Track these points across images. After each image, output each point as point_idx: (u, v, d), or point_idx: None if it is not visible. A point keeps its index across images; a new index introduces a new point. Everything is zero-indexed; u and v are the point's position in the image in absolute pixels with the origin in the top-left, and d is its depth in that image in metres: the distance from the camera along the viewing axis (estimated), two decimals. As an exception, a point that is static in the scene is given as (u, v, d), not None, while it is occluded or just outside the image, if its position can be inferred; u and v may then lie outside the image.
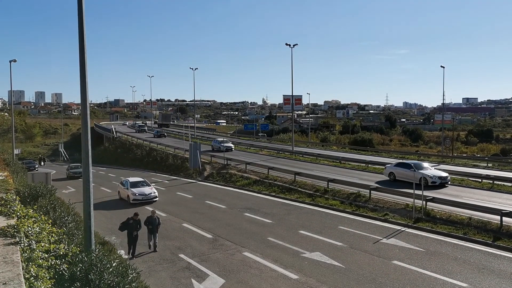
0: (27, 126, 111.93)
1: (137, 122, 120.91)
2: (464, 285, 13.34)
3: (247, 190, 31.50)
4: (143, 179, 30.79)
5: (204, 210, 25.37)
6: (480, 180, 29.21)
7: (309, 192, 28.03)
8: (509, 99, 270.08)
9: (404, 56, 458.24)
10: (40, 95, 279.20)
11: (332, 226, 20.73)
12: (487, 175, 30.16)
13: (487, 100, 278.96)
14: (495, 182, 28.23)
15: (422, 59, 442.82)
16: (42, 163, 68.50)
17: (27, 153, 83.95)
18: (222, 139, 57.50)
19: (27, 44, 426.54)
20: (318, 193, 27.42)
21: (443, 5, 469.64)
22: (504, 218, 18.58)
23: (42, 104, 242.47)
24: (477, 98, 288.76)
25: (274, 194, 29.27)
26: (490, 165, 39.84)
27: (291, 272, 14.67)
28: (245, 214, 23.93)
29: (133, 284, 7.97)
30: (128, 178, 31.15)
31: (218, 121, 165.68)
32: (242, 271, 15.03)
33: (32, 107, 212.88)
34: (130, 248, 17.17)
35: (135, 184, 29.20)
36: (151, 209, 21.48)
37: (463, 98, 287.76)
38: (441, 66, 54.54)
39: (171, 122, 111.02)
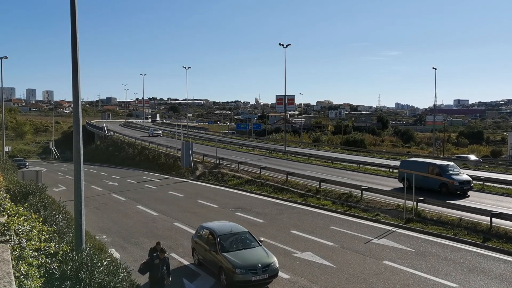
0: (18, 123, 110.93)
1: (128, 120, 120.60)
2: (454, 285, 13.44)
3: (239, 190, 31.47)
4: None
5: (196, 210, 25.31)
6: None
7: (301, 192, 28.08)
8: (500, 101, 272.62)
9: (396, 58, 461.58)
10: (31, 92, 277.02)
11: (324, 226, 20.78)
12: (477, 176, 30.41)
13: (478, 102, 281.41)
14: (485, 183, 28.48)
15: (413, 61, 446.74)
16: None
17: (18, 150, 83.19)
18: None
19: (18, 41, 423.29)
20: (310, 193, 27.47)
21: (434, 8, 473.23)
22: (493, 219, 18.73)
23: (33, 102, 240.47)
24: (468, 100, 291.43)
25: (266, 193, 29.27)
26: (480, 166, 40.17)
27: (282, 272, 14.65)
28: (237, 213, 23.91)
29: (124, 283, 7.93)
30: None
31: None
32: (233, 271, 14.99)
33: (23, 104, 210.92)
34: None
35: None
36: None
37: (454, 100, 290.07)
38: (433, 68, 55.03)
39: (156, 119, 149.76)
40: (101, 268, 7.72)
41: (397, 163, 40.11)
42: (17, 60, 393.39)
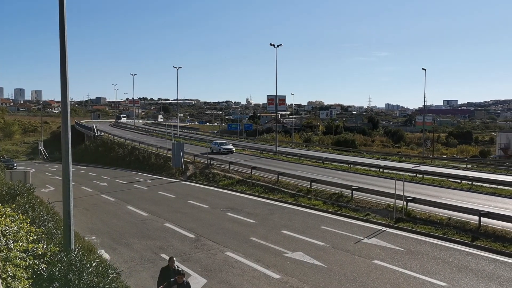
0: (6, 123, 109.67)
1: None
2: (443, 284, 13.54)
3: (230, 190, 31.43)
4: None
5: (187, 210, 25.23)
6: (459, 181, 29.70)
7: (292, 192, 28.11)
8: (489, 102, 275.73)
9: (386, 59, 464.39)
10: (19, 92, 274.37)
11: (315, 226, 20.82)
12: (466, 176, 30.71)
13: (467, 103, 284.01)
14: (474, 183, 28.76)
15: (403, 62, 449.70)
16: None
17: (5, 151, 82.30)
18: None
19: (6, 40, 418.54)
20: (301, 193, 27.51)
21: (423, 9, 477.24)
22: (482, 219, 18.90)
23: (22, 102, 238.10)
24: (457, 101, 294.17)
25: (257, 194, 29.27)
26: (469, 166, 40.57)
27: (273, 272, 14.68)
28: (228, 214, 23.87)
29: (113, 284, 7.88)
30: None
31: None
32: (224, 271, 14.98)
33: (11, 104, 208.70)
34: None
35: None
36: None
37: (444, 100, 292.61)
38: (423, 69, 55.49)
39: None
40: (90, 269, 7.66)
41: (388, 163, 40.58)
42: (5, 60, 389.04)
